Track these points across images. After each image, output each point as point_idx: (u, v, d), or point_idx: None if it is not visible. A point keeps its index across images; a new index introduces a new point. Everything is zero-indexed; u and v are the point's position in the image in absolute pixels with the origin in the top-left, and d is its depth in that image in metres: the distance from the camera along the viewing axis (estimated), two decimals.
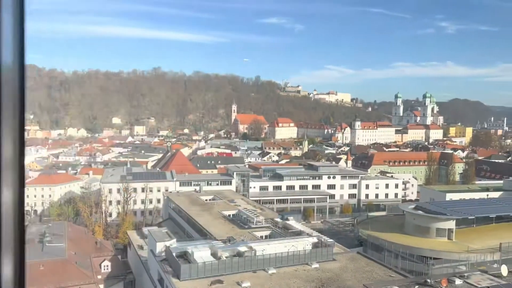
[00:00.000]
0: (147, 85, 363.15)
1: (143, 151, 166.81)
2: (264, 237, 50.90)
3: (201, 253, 40.41)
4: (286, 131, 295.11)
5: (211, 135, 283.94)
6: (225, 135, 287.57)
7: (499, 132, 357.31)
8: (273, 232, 52.40)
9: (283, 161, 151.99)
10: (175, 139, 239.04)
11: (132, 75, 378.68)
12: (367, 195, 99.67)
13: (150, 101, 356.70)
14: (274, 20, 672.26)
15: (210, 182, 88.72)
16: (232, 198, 72.29)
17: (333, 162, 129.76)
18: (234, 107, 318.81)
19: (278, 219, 56.79)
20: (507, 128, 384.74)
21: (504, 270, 38.60)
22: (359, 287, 36.33)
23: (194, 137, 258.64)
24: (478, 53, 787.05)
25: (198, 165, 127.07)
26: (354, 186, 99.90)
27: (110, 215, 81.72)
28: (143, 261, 48.34)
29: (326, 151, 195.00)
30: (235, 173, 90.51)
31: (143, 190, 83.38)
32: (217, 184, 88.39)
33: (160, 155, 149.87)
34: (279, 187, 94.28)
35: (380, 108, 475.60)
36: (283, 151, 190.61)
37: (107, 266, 50.83)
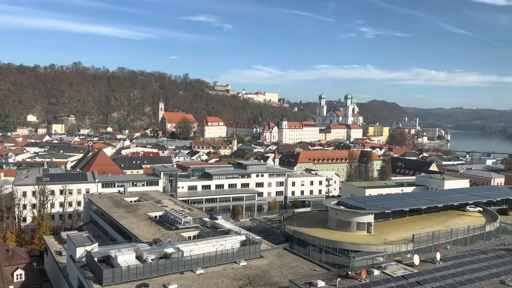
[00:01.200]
0: (66, 81, 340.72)
1: (61, 151, 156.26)
2: (192, 238, 50.18)
3: (125, 256, 38.79)
4: (216, 130, 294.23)
5: (137, 134, 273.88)
6: (152, 134, 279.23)
7: (412, 131, 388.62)
8: (202, 232, 51.85)
9: (212, 160, 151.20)
10: (97, 138, 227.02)
11: (49, 70, 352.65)
12: (293, 192, 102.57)
13: (69, 98, 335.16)
14: (203, 18, 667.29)
15: (135, 183, 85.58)
16: (159, 199, 70.35)
17: (262, 161, 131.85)
18: (161, 105, 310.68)
19: (206, 219, 56.30)
20: (419, 127, 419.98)
21: (416, 259, 41.84)
22: (285, 283, 37.23)
23: (118, 136, 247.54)
24: (395, 58, 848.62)
25: (122, 165, 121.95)
26: (281, 183, 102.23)
27: (24, 219, 75.57)
28: (61, 268, 45.28)
29: (255, 150, 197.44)
30: (162, 173, 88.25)
31: (61, 192, 78.08)
32: (143, 185, 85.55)
33: (80, 155, 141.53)
34: (208, 187, 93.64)
35: (306, 108, 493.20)
36: (212, 150, 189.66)
37: (21, 275, 46.91)
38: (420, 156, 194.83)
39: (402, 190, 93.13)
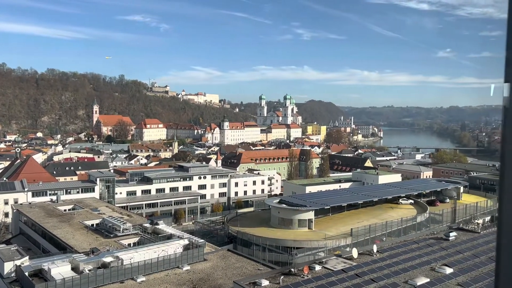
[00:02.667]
0: None
1: None
2: (132, 245, 48.45)
3: (59, 269, 36.55)
4: (155, 133, 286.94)
5: (70, 139, 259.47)
6: (87, 138, 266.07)
7: (348, 129, 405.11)
8: (142, 238, 50.27)
9: (152, 164, 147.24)
10: (25, 144, 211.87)
11: None
12: (236, 193, 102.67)
13: None
14: (138, 18, 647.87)
15: (69, 191, 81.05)
16: (95, 206, 67.22)
17: (204, 162, 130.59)
18: (96, 108, 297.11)
19: (147, 225, 54.69)
20: (354, 126, 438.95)
21: (354, 252, 43.53)
22: (230, 284, 37.07)
23: (50, 141, 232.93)
24: (330, 59, 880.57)
25: (54, 172, 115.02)
26: (224, 184, 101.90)
27: None
28: None
29: (197, 152, 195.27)
30: (98, 179, 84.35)
31: None
32: (78, 192, 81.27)
33: (7, 163, 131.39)
34: (148, 191, 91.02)
35: (247, 109, 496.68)
36: (151, 153, 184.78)
37: None
38: (355, 153, 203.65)
39: (340, 186, 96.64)
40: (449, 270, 39.91)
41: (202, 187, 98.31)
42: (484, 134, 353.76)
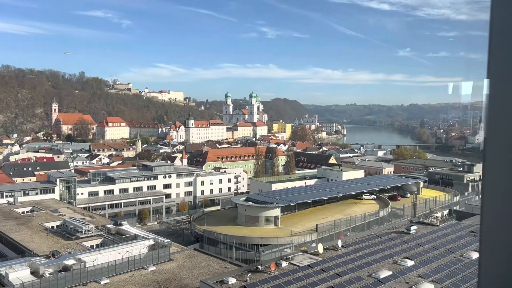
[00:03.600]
0: None
1: None
2: (95, 247, 47.17)
3: (18, 273, 35.11)
4: (117, 131, 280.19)
5: (27, 138, 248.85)
6: (45, 137, 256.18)
7: (313, 127, 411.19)
8: (106, 239, 49.06)
9: (115, 163, 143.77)
10: None
11: None
12: (202, 192, 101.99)
13: None
14: (99, 14, 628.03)
15: (27, 192, 77.77)
16: (55, 208, 64.92)
17: (169, 161, 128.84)
18: (55, 106, 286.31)
19: (110, 226, 53.40)
20: (318, 123, 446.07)
21: (320, 248, 44.32)
22: (196, 284, 36.83)
23: (5, 141, 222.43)
24: (294, 58, 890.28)
25: (11, 173, 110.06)
26: (190, 183, 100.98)
27: None
28: None
29: (161, 150, 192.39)
30: (58, 179, 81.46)
31: None
32: (37, 193, 78.17)
33: None
34: (111, 191, 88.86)
35: (212, 107, 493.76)
36: (114, 153, 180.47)
37: None
38: (320, 150, 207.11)
39: (305, 183, 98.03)
40: (410, 263, 41.41)
41: (167, 186, 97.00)
42: (442, 131, 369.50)
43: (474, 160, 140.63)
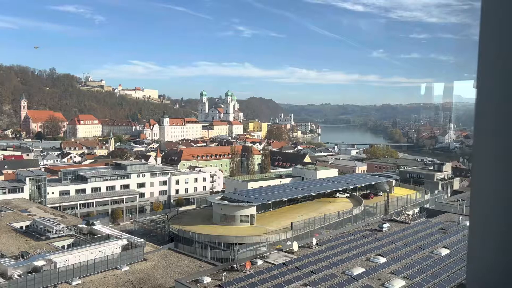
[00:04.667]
0: None
1: None
2: (66, 247, 46.08)
3: None
4: (90, 129, 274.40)
5: None
6: (14, 135, 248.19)
7: (288, 126, 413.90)
8: (77, 240, 48.01)
9: (87, 162, 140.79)
10: None
11: None
12: (177, 191, 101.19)
13: None
14: (71, 9, 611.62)
15: None
16: (24, 207, 63.02)
17: (142, 160, 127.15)
18: (24, 103, 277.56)
19: (82, 225, 52.31)
20: (293, 122, 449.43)
21: (295, 246, 44.73)
22: (171, 283, 36.53)
23: None
24: (270, 57, 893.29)
25: None
26: (164, 182, 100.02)
27: None
28: None
29: (135, 149, 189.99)
30: (27, 178, 79.08)
31: None
32: (5, 193, 75.67)
33: None
34: (83, 190, 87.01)
35: (187, 105, 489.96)
36: (86, 151, 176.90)
37: None
38: (295, 149, 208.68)
39: (280, 181, 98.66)
40: (382, 260, 42.33)
41: (141, 185, 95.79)
42: (413, 130, 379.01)
43: (444, 159, 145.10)
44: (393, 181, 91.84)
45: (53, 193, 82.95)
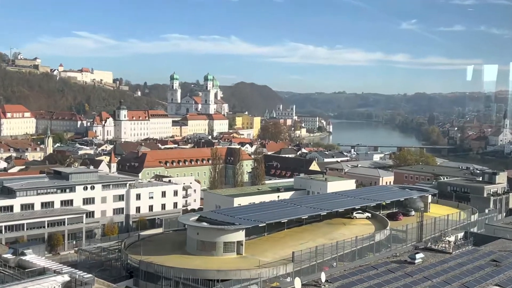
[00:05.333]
0: None
1: None
2: None
3: None
4: (19, 124, 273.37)
5: None
6: None
7: (289, 122, 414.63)
8: (1, 275, 47.71)
9: (16, 169, 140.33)
10: None
11: None
12: (138, 208, 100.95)
13: None
14: None
15: None
16: None
17: (91, 167, 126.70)
18: None
19: (8, 255, 52.03)
20: (296, 117, 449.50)
21: (297, 283, 44.71)
22: None
23: None
24: (265, 28, 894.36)
25: None
26: (121, 197, 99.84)
27: None
28: None
29: (81, 152, 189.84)
30: None
31: None
32: None
33: None
34: (10, 208, 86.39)
35: (153, 92, 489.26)
36: (14, 154, 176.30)
37: None
38: (298, 153, 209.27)
39: (278, 196, 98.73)
40: None
41: (89, 201, 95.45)
42: (456, 128, 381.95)
43: (497, 168, 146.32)
44: (429, 197, 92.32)
45: None
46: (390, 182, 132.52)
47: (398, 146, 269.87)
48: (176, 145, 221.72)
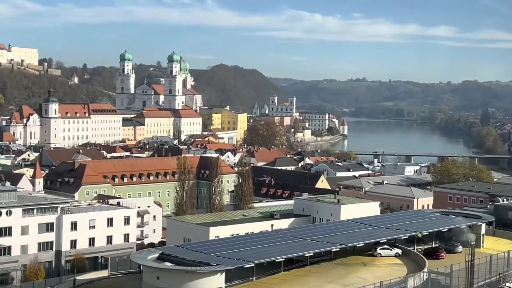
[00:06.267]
0: None
1: None
2: None
3: None
4: None
5: None
6: None
7: (287, 121, 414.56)
8: None
9: None
10: None
11: None
12: (74, 242, 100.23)
13: None
14: None
15: None
16: None
17: (7, 183, 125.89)
18: None
19: None
20: (297, 114, 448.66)
21: None
22: None
23: None
24: None
25: None
26: (49, 227, 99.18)
27: None
28: None
29: None
30: None
31: None
32: None
33: None
34: None
35: (96, 78, 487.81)
36: None
37: None
38: (300, 165, 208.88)
39: (272, 225, 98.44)
40: None
41: (4, 232, 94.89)
42: None
43: None
44: (483, 226, 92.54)
45: None
46: (428, 205, 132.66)
47: (440, 155, 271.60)
48: (128, 153, 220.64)
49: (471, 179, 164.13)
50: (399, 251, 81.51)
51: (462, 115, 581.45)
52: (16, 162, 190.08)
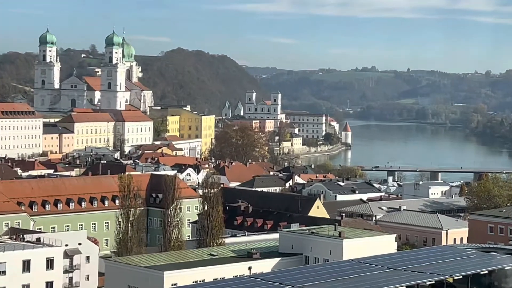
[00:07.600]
0: None
1: None
2: None
3: None
4: None
5: None
6: None
7: (269, 125, 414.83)
8: None
9: None
10: None
11: None
12: None
13: None
14: None
15: None
16: None
17: None
18: None
19: None
20: (283, 116, 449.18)
21: None
22: None
23: None
24: None
25: None
26: None
27: None
28: None
29: None
30: None
31: None
32: None
33: None
34: None
35: (5, 67, 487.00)
36: None
37: None
38: (288, 185, 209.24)
39: (250, 268, 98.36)
40: None
41: None
42: None
43: None
44: None
45: None
46: (462, 238, 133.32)
47: (477, 171, 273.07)
48: (51, 171, 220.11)
49: None
50: None
51: (506, 116, 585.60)
52: None
